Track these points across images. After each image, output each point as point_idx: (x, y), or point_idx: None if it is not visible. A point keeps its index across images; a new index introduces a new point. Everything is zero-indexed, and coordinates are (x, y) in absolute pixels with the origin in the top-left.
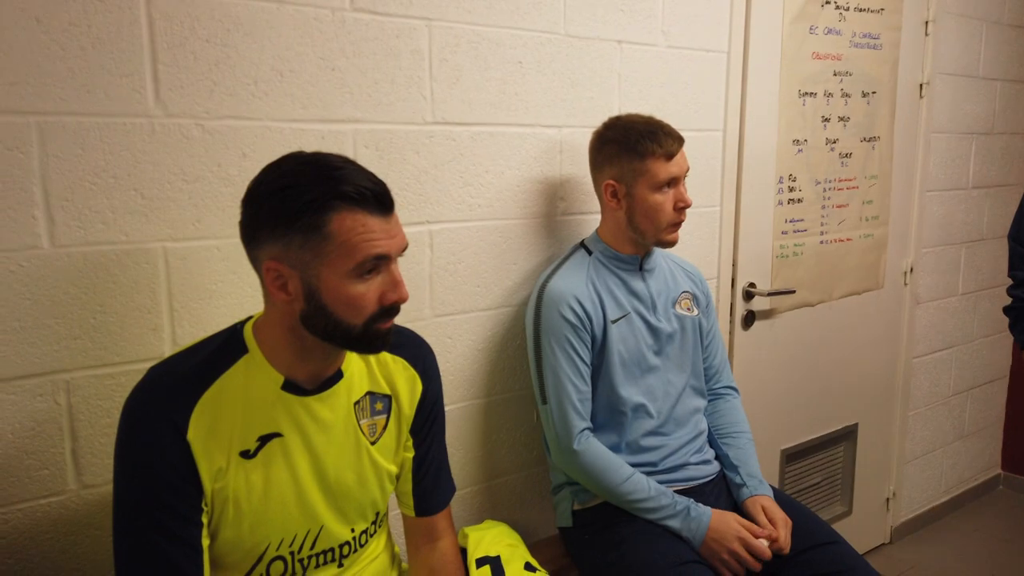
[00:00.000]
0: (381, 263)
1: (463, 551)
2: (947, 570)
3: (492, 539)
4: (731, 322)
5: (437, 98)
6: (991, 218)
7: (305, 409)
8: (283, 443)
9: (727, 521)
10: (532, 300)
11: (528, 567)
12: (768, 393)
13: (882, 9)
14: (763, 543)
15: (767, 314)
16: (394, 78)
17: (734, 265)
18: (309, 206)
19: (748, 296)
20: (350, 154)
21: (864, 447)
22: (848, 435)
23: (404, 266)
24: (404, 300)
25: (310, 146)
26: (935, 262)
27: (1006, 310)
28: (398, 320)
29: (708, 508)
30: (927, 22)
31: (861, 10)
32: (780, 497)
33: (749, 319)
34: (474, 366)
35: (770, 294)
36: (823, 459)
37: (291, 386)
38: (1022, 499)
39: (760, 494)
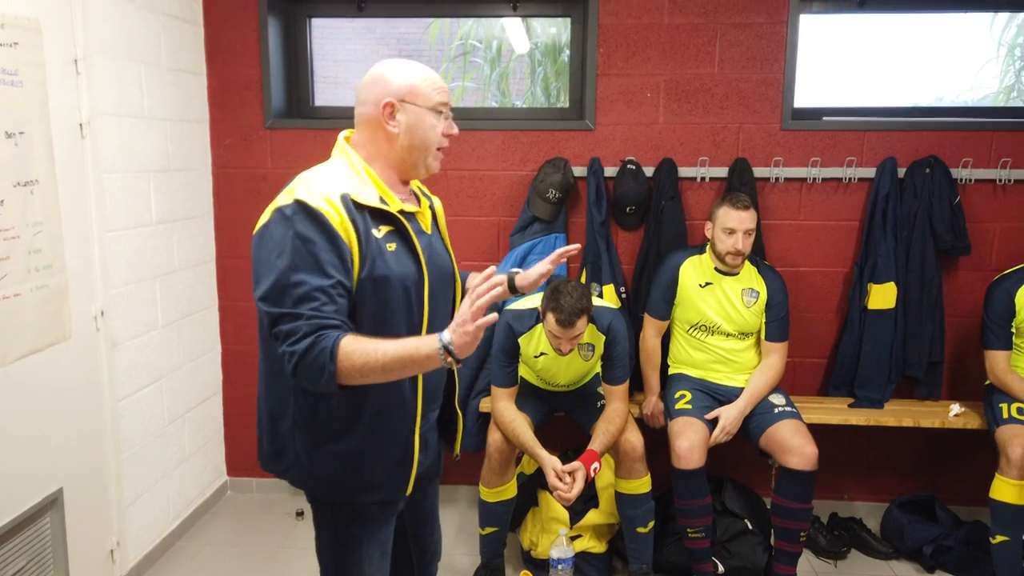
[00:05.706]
0: None
1: None
2: None
3: None
4: None
5: None
6: (180, 250)
7: None
8: None
9: None
10: None
11: None
12: None
13: (16, 43)
14: None
15: None
16: None
17: None
18: None
19: None
20: None
21: (75, 508)
22: (52, 504)
23: None
24: None
25: None
26: (129, 300)
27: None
28: None
29: None
30: (76, 60)
31: None
32: None
33: None
34: None
35: None
36: (25, 539)
37: None
38: (246, 498)
39: None
